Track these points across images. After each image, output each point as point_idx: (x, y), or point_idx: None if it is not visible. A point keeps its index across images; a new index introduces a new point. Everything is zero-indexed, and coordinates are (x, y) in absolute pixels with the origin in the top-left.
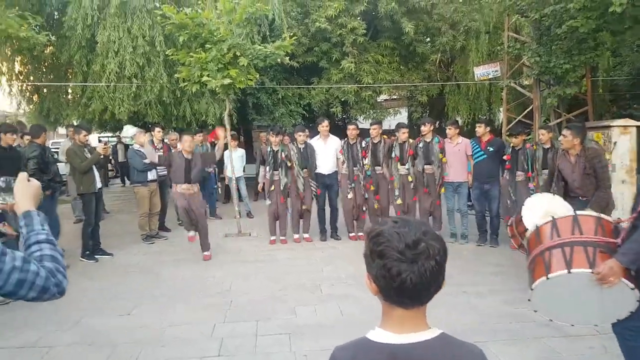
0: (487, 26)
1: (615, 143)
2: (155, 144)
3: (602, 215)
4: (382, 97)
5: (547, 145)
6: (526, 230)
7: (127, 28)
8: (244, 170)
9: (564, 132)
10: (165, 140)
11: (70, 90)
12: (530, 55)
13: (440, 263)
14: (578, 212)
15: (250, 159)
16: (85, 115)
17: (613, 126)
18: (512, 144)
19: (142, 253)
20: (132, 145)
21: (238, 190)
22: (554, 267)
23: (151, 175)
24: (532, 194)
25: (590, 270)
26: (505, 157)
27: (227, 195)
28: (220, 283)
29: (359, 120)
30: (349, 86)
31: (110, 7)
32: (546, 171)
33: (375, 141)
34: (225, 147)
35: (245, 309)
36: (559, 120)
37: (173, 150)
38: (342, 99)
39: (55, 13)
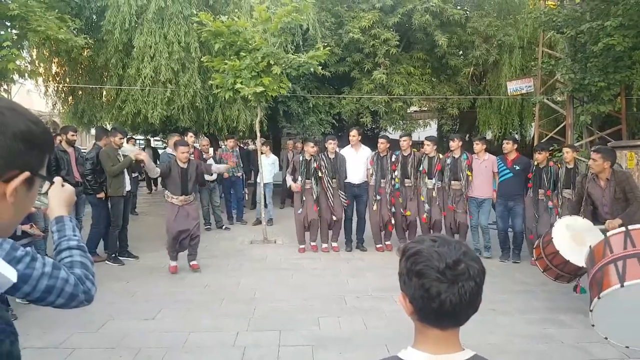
0: (521, 41)
1: None
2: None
3: (630, 227)
4: (412, 108)
5: (571, 165)
6: (557, 252)
7: (163, 34)
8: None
9: (593, 155)
10: (197, 146)
11: (105, 93)
12: (564, 71)
13: (479, 284)
14: (609, 234)
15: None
16: (118, 117)
17: None
18: (535, 161)
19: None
20: (165, 150)
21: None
22: (629, 275)
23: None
24: (551, 212)
25: None
26: (528, 176)
27: (254, 201)
28: (245, 290)
29: (388, 131)
30: (380, 97)
31: (148, 12)
32: (568, 191)
33: (406, 154)
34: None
35: (269, 318)
36: (591, 138)
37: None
38: (373, 109)
39: (94, 17)
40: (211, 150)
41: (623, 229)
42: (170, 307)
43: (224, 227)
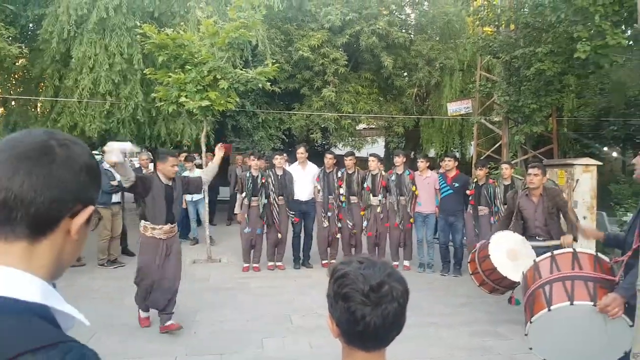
0: (461, 64)
1: (577, 181)
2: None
3: (599, 254)
4: (361, 125)
5: (507, 182)
6: (494, 269)
7: (104, 45)
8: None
9: (535, 171)
10: (130, 160)
11: (39, 104)
12: (500, 94)
13: (402, 305)
14: (577, 249)
15: (224, 181)
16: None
17: (576, 164)
18: (475, 179)
19: (104, 278)
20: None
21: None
22: (555, 299)
23: (116, 197)
24: (492, 227)
25: (592, 303)
26: (468, 192)
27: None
28: (186, 313)
29: (338, 147)
30: (329, 114)
31: (89, 22)
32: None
33: (350, 172)
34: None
35: (210, 340)
36: (525, 157)
37: (146, 173)
38: (322, 126)
39: (30, 25)
40: (151, 165)
41: (550, 254)
42: (106, 331)
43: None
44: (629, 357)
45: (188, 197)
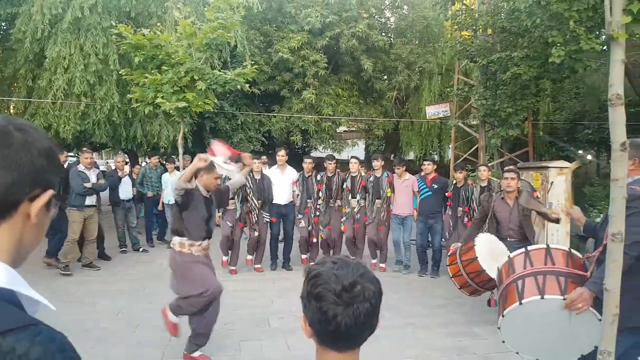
0: (439, 68)
1: (552, 183)
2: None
3: (572, 250)
4: (342, 128)
5: (485, 184)
6: (475, 258)
7: (79, 45)
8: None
9: (511, 175)
10: (106, 162)
11: (12, 105)
12: (477, 97)
13: (374, 305)
14: (551, 245)
15: None
16: None
17: (550, 167)
18: (454, 181)
19: (78, 282)
20: (74, 165)
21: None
22: (526, 293)
23: (90, 200)
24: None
25: (562, 297)
26: (447, 194)
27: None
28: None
29: (318, 150)
30: (310, 116)
31: (63, 22)
32: None
33: (330, 175)
34: (166, 170)
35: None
36: (501, 160)
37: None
38: (303, 128)
39: (3, 24)
40: (127, 167)
41: (523, 249)
42: (78, 336)
43: (141, 249)
44: None
45: (165, 200)
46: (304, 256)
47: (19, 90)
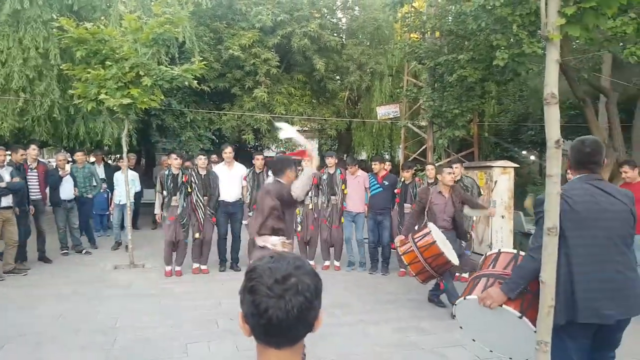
0: (390, 69)
1: (496, 182)
2: (29, 164)
3: (522, 253)
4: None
5: (432, 181)
6: (439, 254)
7: (18, 38)
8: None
9: (458, 165)
10: (47, 161)
11: None
12: (425, 99)
13: (309, 300)
14: (502, 250)
15: (149, 183)
16: None
17: (494, 167)
18: (403, 179)
19: (17, 285)
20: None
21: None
22: (469, 291)
23: (5, 201)
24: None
25: (476, 297)
26: (396, 191)
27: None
28: (105, 320)
29: (271, 149)
30: (261, 115)
31: (1, 14)
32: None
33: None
34: (118, 168)
35: (130, 348)
36: (448, 159)
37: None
38: (255, 127)
39: None
40: (68, 166)
41: (497, 250)
42: (15, 342)
43: (83, 251)
44: None
45: (116, 200)
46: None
47: None
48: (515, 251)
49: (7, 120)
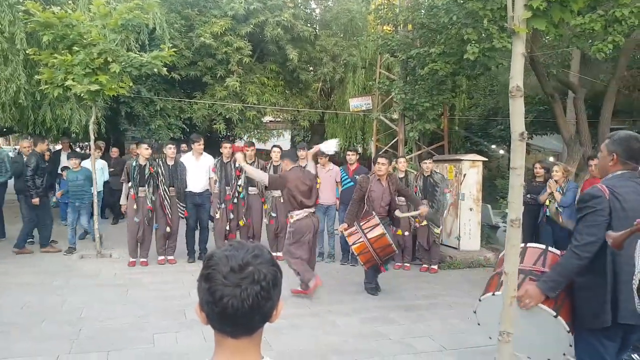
0: (363, 62)
1: (465, 175)
2: None
3: (550, 248)
4: (267, 118)
5: (403, 175)
6: (381, 235)
7: None
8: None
9: (383, 160)
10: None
11: None
12: (397, 91)
13: (266, 289)
14: (529, 245)
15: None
16: None
17: (464, 160)
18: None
19: None
20: None
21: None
22: (495, 288)
23: None
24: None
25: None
26: None
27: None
28: (70, 310)
29: (242, 139)
30: (233, 104)
31: None
32: (401, 198)
33: (250, 161)
34: (87, 156)
35: (97, 338)
36: (419, 152)
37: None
38: (226, 117)
39: None
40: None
41: (522, 245)
42: None
43: (50, 240)
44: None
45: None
46: None
47: None
48: (543, 246)
49: None
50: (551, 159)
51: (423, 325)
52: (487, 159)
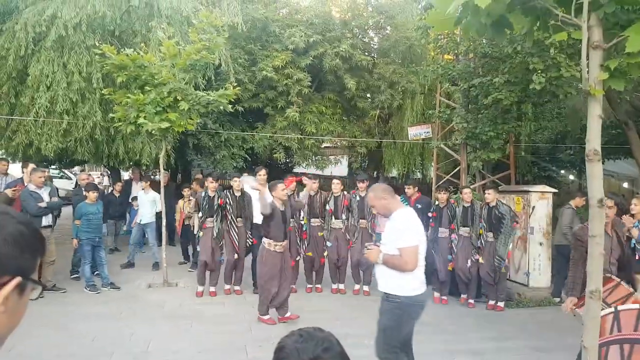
0: (422, 88)
1: (534, 207)
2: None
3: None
4: (325, 144)
5: (468, 204)
6: None
7: (62, 63)
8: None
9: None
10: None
11: None
12: (458, 120)
13: None
14: (620, 308)
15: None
16: (8, 148)
17: (532, 191)
18: (437, 201)
19: (48, 303)
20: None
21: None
22: None
23: (46, 220)
24: (454, 246)
25: None
26: (430, 215)
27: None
28: (137, 343)
29: (301, 166)
30: (293, 135)
31: (47, 40)
32: (465, 229)
33: (313, 194)
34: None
35: None
36: (483, 182)
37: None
38: (286, 145)
39: None
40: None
41: (612, 309)
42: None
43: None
44: None
45: (138, 219)
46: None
47: (1, 107)
48: (638, 306)
49: (52, 141)
50: (625, 185)
51: None
52: (556, 190)
